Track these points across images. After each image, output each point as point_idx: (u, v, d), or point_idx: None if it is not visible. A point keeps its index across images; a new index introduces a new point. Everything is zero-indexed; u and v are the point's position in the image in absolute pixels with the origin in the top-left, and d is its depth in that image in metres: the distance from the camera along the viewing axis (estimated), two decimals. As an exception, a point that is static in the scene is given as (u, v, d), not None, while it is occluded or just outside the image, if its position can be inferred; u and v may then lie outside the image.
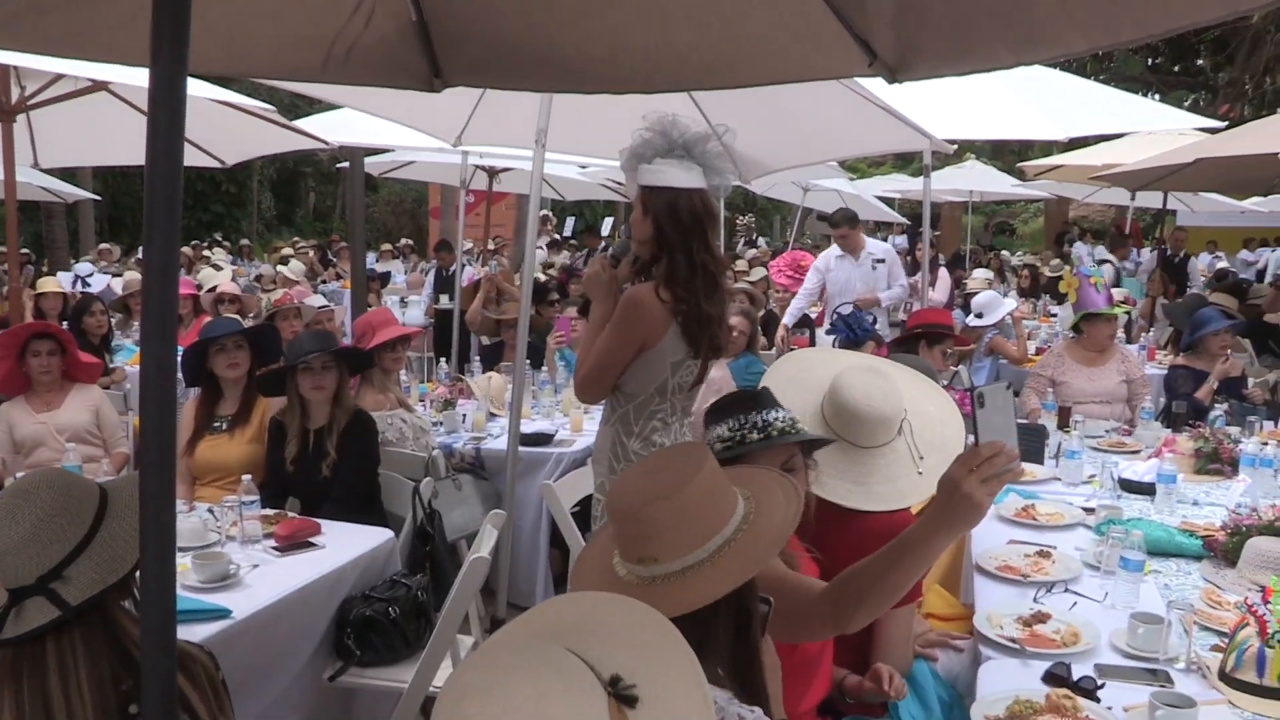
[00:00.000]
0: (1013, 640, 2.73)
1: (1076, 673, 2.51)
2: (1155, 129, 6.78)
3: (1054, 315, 10.42)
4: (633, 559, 1.65)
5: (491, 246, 16.17)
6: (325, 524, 3.49)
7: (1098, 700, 2.38)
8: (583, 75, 2.64)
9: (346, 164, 9.75)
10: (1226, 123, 7.17)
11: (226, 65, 2.55)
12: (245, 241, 16.65)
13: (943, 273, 7.02)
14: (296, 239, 17.34)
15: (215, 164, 6.03)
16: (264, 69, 2.63)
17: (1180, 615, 2.69)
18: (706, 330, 3.07)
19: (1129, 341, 7.72)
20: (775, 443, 2.27)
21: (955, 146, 4.01)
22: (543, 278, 9.42)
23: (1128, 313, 6.05)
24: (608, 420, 3.25)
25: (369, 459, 3.96)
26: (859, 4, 2.20)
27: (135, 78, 4.74)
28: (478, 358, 6.31)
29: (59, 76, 4.88)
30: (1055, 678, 2.49)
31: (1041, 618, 2.87)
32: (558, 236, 14.51)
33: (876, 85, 3.84)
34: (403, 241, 16.04)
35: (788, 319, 7.74)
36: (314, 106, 12.47)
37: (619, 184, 11.78)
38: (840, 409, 2.73)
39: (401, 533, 3.89)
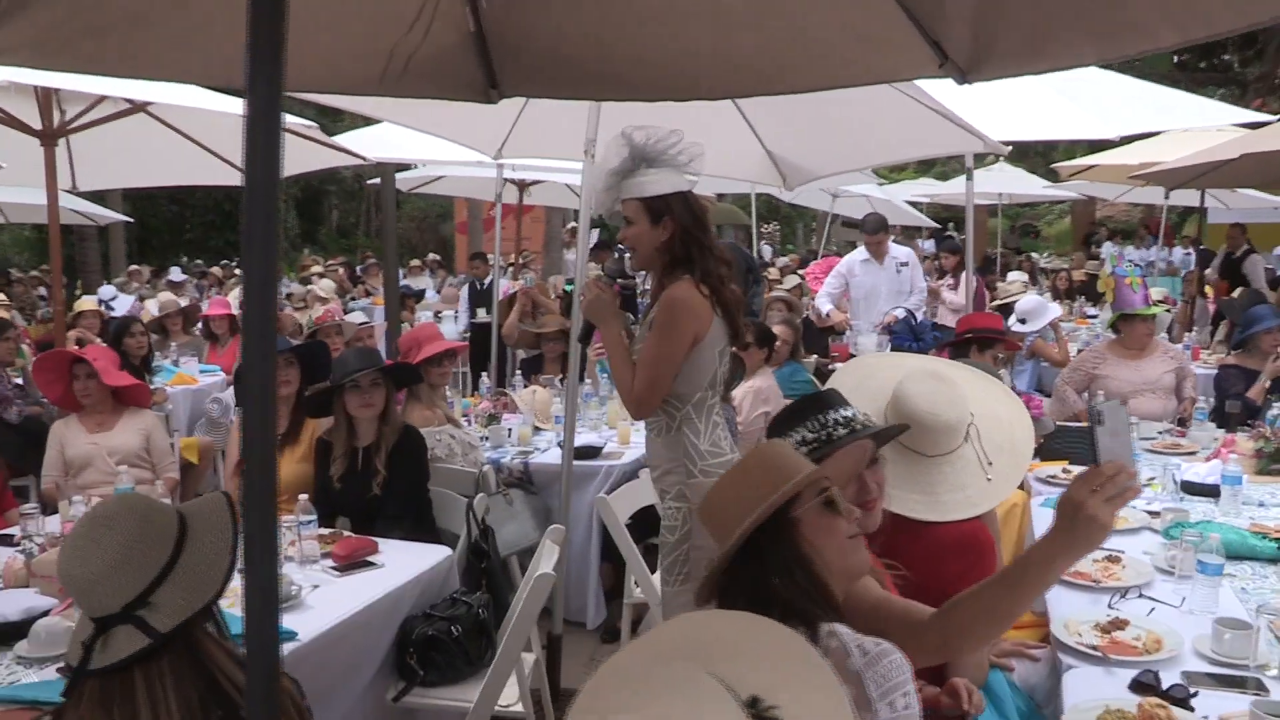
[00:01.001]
0: (1093, 648, 2.66)
1: (1164, 681, 2.44)
2: (1193, 125, 6.66)
3: (1092, 317, 10.32)
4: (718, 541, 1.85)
5: (520, 260, 16.22)
6: (382, 542, 3.46)
7: (1191, 709, 2.32)
8: (643, 83, 2.62)
9: (377, 180, 9.76)
10: (1271, 117, 7.04)
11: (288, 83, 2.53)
12: (274, 260, 16.65)
13: (965, 276, 7.00)
14: (318, 257, 17.38)
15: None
16: (321, 84, 2.62)
17: (1270, 620, 2.62)
18: (740, 313, 3.19)
19: (1173, 342, 7.61)
20: (859, 436, 2.25)
21: (1010, 148, 3.95)
22: (568, 289, 9.39)
23: (1167, 310, 5.96)
24: (667, 430, 3.19)
25: (420, 476, 3.93)
26: (936, 5, 2.16)
27: (175, 97, 4.77)
28: (519, 371, 6.28)
29: (101, 99, 4.90)
30: (1144, 686, 2.42)
31: (1120, 624, 2.80)
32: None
33: (928, 86, 3.78)
34: (430, 257, 16.07)
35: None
36: (338, 124, 12.53)
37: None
38: (904, 417, 2.67)
39: (456, 549, 3.86)
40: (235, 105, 5.10)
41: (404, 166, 9.69)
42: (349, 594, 3.06)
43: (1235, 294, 8.19)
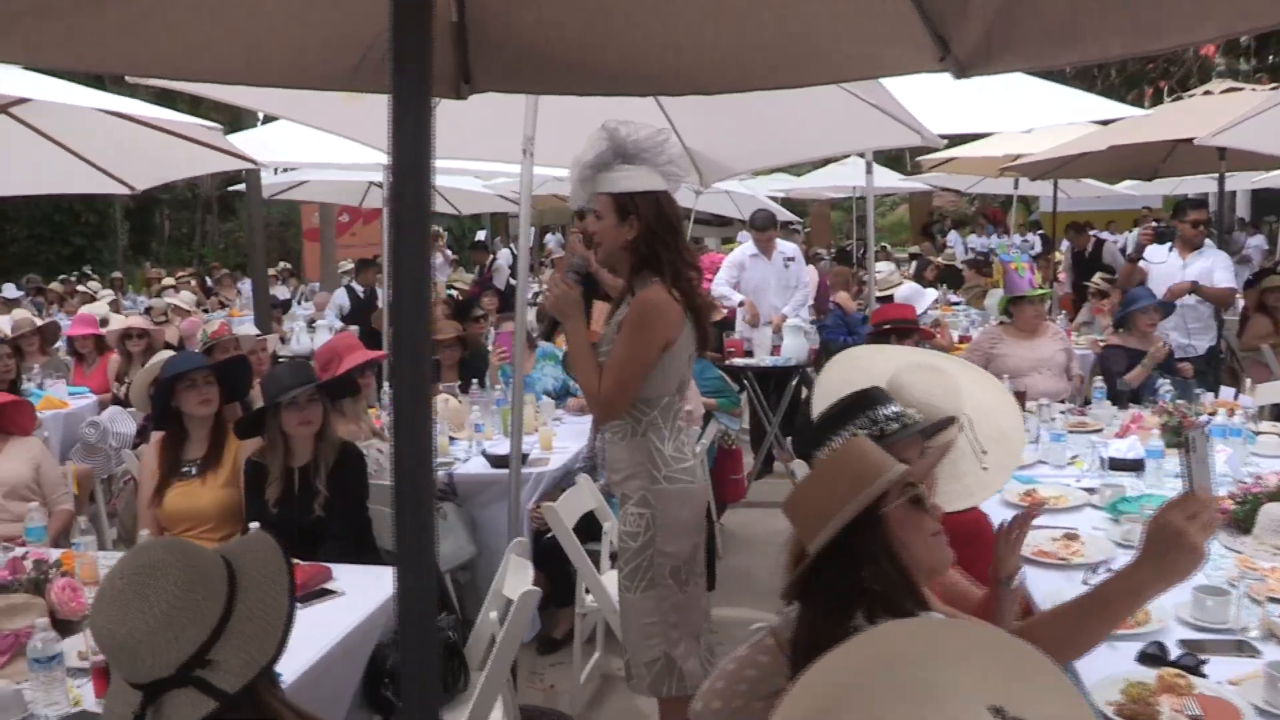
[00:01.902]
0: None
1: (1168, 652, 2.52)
2: (1060, 121, 7.00)
3: (955, 303, 10.77)
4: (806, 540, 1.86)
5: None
6: (334, 568, 3.25)
7: (1205, 676, 2.39)
8: (632, 78, 2.52)
9: (211, 188, 9.25)
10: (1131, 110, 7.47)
11: (245, 74, 2.33)
12: (117, 274, 15.69)
13: (868, 265, 7.26)
14: (160, 269, 16.46)
15: (124, 190, 5.61)
16: (284, 77, 2.41)
17: (1249, 585, 2.75)
18: (708, 317, 3.16)
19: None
20: (912, 431, 2.25)
21: (946, 141, 4.04)
22: (454, 294, 9.16)
23: (1047, 295, 6.29)
24: (631, 434, 3.12)
25: (361, 494, 3.72)
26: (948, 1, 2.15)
27: (48, 93, 4.35)
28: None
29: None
30: (1153, 658, 2.49)
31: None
32: (449, 253, 14.17)
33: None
34: (281, 265, 15.42)
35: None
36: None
37: (512, 195, 11.60)
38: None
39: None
40: (112, 103, 4.74)
41: (282, 168, 9.22)
42: (318, 627, 2.84)
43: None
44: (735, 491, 6.37)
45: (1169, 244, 6.86)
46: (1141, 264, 6.79)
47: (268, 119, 10.01)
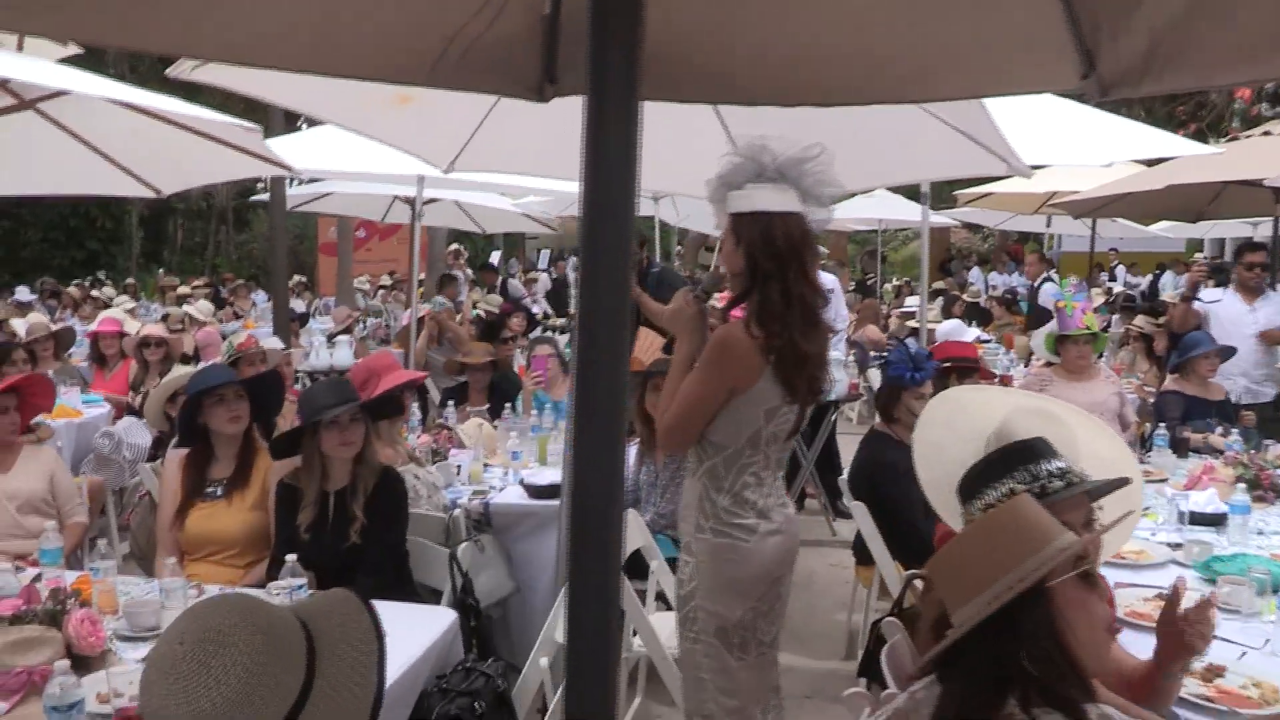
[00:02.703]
0: (1208, 699, 2.48)
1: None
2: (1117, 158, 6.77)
3: (985, 341, 10.53)
4: (953, 608, 1.68)
5: (388, 282, 15.54)
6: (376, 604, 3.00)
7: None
8: (749, 87, 2.30)
9: (229, 197, 9.05)
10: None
11: (312, 62, 2.10)
12: (130, 280, 15.48)
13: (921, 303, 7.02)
14: (174, 278, 16.24)
15: (149, 193, 5.39)
16: (356, 68, 2.18)
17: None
18: (803, 371, 2.72)
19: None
20: (1077, 490, 2.00)
21: (1035, 172, 3.80)
22: (481, 314, 8.93)
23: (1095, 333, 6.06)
24: (693, 472, 2.90)
25: (401, 523, 3.48)
26: (1114, 13, 1.94)
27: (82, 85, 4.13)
28: (451, 402, 5.82)
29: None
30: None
31: (1217, 670, 2.63)
32: (469, 272, 13.97)
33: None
34: (296, 279, 15.21)
35: None
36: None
37: (539, 215, 11.40)
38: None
39: (441, 606, 3.42)
40: (149, 100, 4.52)
41: (313, 180, 9.01)
42: (360, 670, 2.60)
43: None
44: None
45: (1226, 285, 6.62)
46: (1197, 305, 6.54)
47: (290, 122, 9.83)
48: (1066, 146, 5.89)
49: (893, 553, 4.18)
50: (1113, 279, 18.15)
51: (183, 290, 12.03)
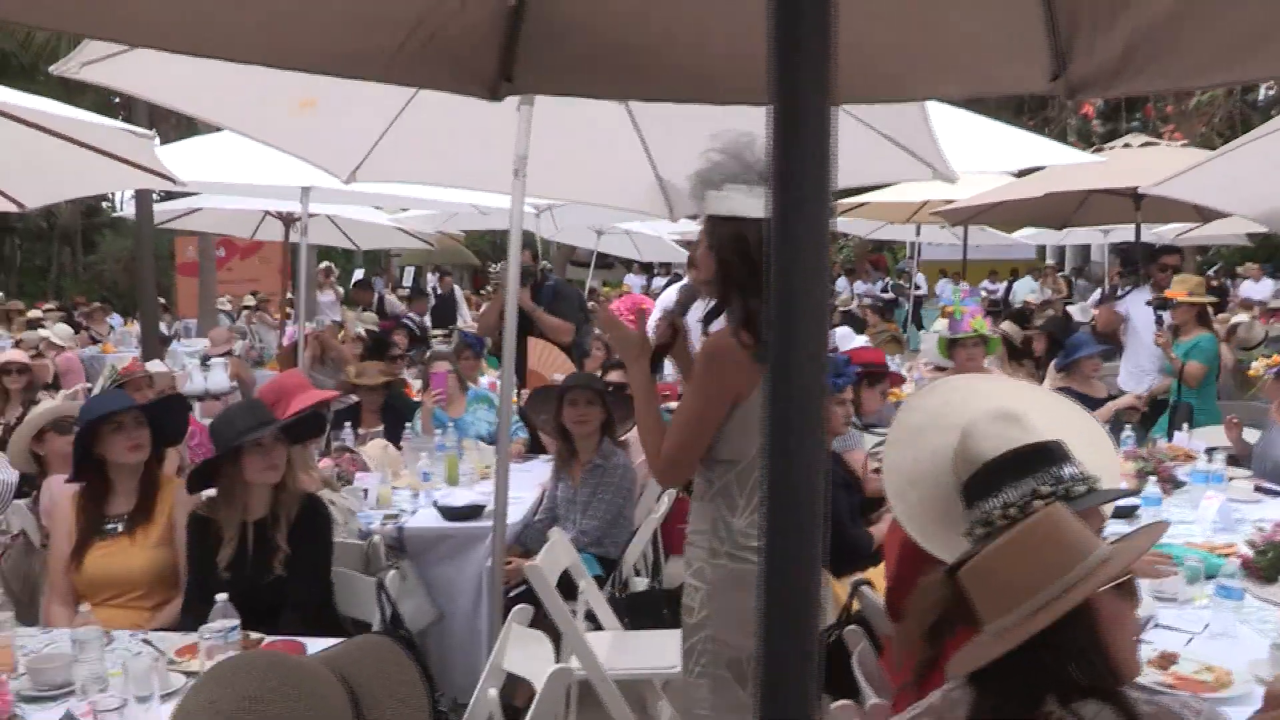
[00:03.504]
0: (1169, 688, 2.52)
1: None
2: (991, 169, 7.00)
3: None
4: (990, 618, 1.64)
5: (252, 302, 14.90)
6: (307, 642, 2.79)
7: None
8: (709, 83, 2.24)
9: (120, 212, 8.53)
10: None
11: (272, 54, 1.93)
12: (-27, 306, 14.38)
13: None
14: (18, 302, 15.16)
15: (12, 208, 4.97)
16: (310, 59, 2.02)
17: (1334, 644, 2.60)
18: None
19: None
20: (1103, 499, 1.99)
21: (959, 177, 3.84)
22: (362, 333, 8.62)
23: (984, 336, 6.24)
24: (704, 495, 2.71)
25: (327, 553, 3.27)
26: (1098, 13, 1.95)
27: None
28: (348, 424, 5.56)
29: None
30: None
31: (1170, 658, 2.69)
32: (340, 290, 13.49)
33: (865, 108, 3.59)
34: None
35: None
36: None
37: (415, 230, 11.11)
38: (971, 466, 2.39)
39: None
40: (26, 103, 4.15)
41: (171, 195, 8.53)
42: None
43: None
44: (678, 541, 6.06)
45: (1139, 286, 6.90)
46: (1119, 308, 6.82)
47: (155, 122, 9.30)
48: (958, 154, 6.06)
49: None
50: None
51: (33, 314, 11.24)
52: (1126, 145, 7.72)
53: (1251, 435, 5.63)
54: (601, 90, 2.46)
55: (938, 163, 3.51)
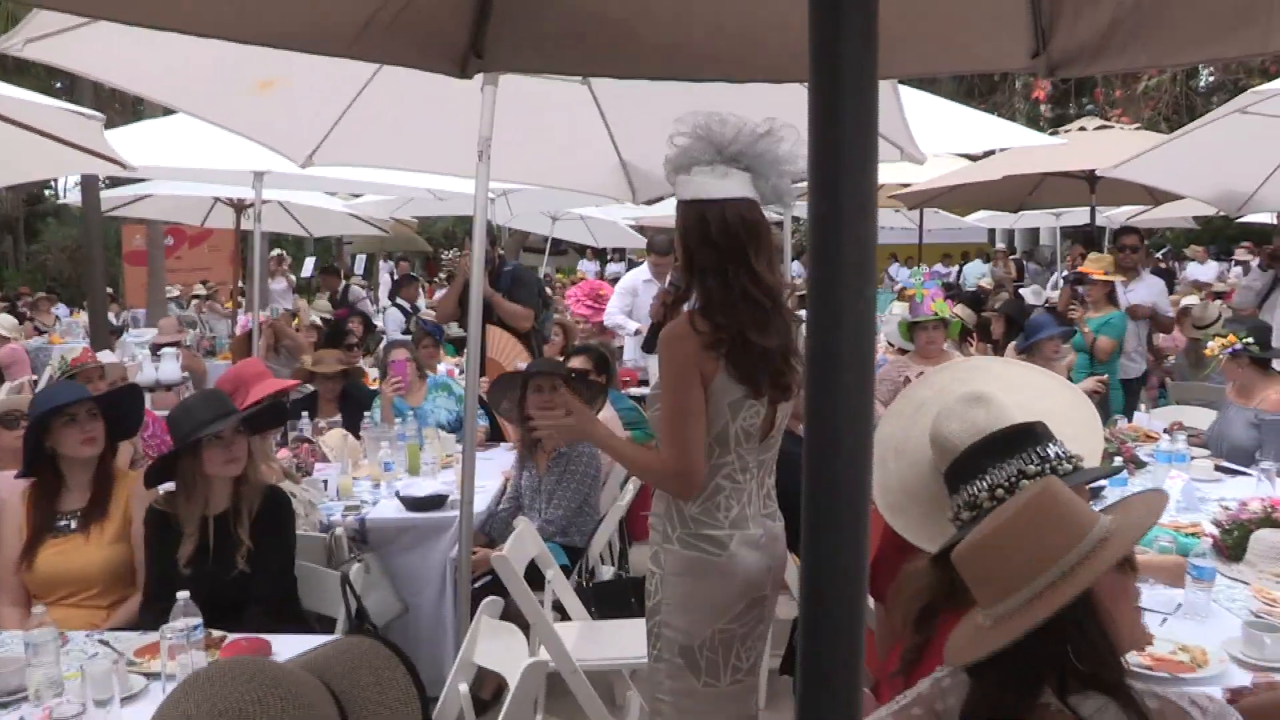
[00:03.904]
0: (1147, 669, 2.53)
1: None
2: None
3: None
4: (988, 603, 1.57)
5: (203, 291, 14.62)
6: (274, 640, 2.71)
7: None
8: (690, 59, 2.18)
9: (64, 199, 8.30)
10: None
11: (235, 27, 1.84)
12: (-96, 296, 13.95)
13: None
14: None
15: (-49, 195, 4.79)
16: (276, 34, 1.93)
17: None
18: (763, 365, 2.48)
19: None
20: (1088, 477, 1.96)
21: (927, 158, 3.80)
22: (317, 321, 8.46)
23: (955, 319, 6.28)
24: None
25: (290, 547, 3.18)
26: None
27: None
28: (305, 414, 5.44)
29: None
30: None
31: (1147, 639, 2.70)
32: (292, 279, 13.26)
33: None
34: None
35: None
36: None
37: (369, 217, 10.94)
38: (942, 454, 2.36)
39: (338, 635, 3.16)
40: None
41: (118, 181, 8.30)
42: None
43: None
44: (644, 528, 6.03)
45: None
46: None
47: (100, 107, 9.05)
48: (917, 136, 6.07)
49: (789, 542, 4.14)
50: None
51: (-31, 304, 10.94)
52: (1082, 129, 7.78)
53: (1207, 415, 5.73)
54: (576, 67, 2.40)
55: (907, 144, 3.48)
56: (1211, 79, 19.01)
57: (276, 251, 13.10)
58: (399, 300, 10.15)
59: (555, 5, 2.08)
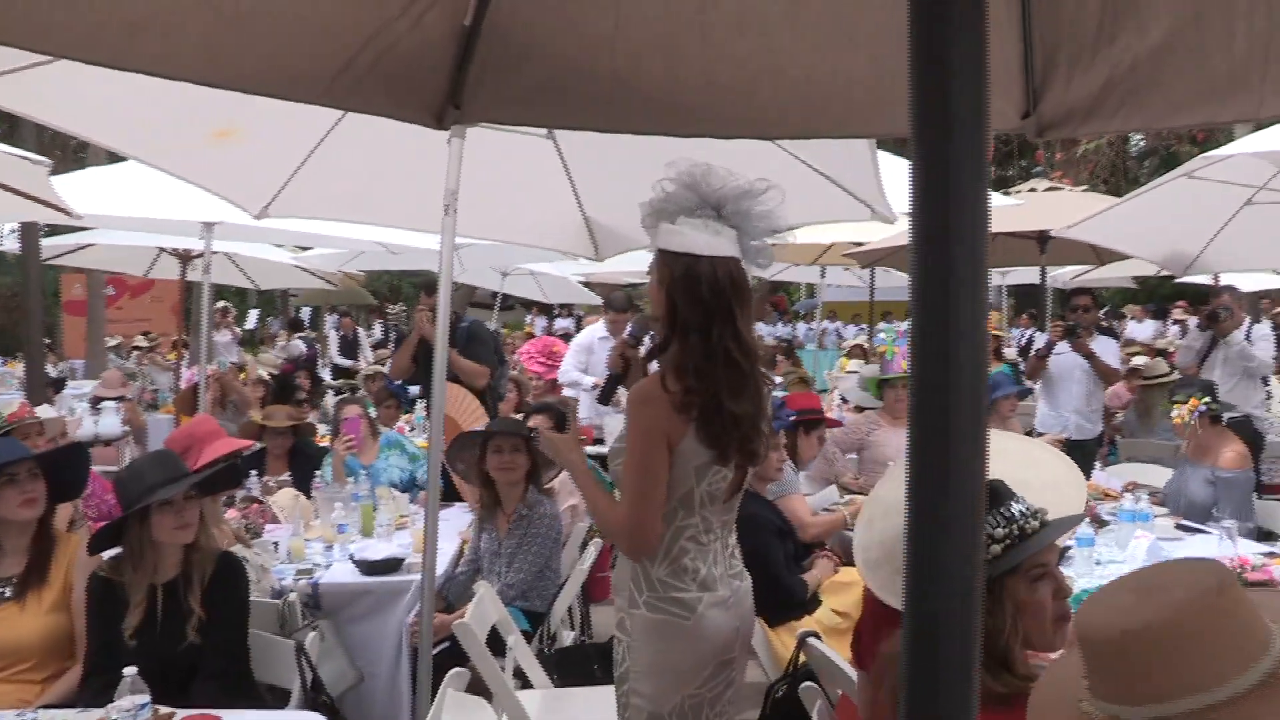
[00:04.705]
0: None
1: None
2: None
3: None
4: (1116, 697, 1.31)
5: (145, 343, 14.28)
6: (225, 715, 2.56)
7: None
8: (680, 113, 2.13)
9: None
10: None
11: (205, 70, 1.75)
12: None
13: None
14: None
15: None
16: (249, 79, 1.84)
17: None
18: (732, 432, 2.42)
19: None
20: (1056, 532, 1.93)
21: (898, 217, 3.79)
22: (264, 376, 8.25)
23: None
24: None
25: (243, 617, 3.02)
26: (1078, 49, 1.92)
27: None
28: (254, 472, 5.25)
29: None
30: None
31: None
32: (237, 331, 13.00)
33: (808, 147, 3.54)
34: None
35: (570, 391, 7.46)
36: None
37: (318, 269, 10.78)
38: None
39: (290, 709, 3.00)
40: None
41: (58, 229, 8.07)
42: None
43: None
44: (603, 589, 5.90)
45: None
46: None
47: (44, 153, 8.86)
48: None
49: (757, 608, 4.05)
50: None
51: (-101, 357, 10.52)
52: (1033, 189, 7.93)
53: (1158, 472, 5.78)
54: (558, 120, 2.34)
55: (878, 203, 3.47)
56: (1143, 144, 19.65)
57: (222, 303, 12.86)
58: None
59: (542, 56, 2.02)
